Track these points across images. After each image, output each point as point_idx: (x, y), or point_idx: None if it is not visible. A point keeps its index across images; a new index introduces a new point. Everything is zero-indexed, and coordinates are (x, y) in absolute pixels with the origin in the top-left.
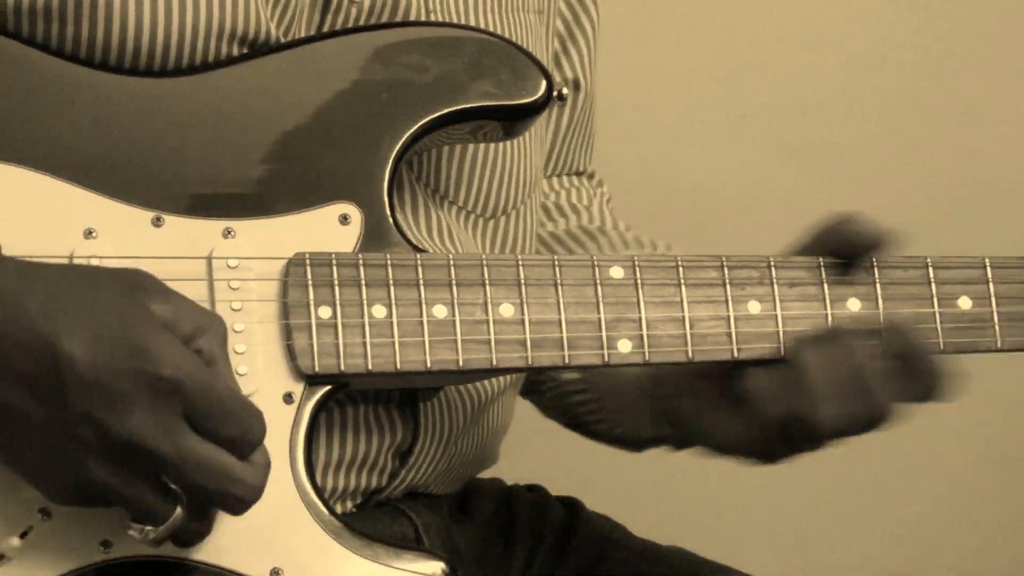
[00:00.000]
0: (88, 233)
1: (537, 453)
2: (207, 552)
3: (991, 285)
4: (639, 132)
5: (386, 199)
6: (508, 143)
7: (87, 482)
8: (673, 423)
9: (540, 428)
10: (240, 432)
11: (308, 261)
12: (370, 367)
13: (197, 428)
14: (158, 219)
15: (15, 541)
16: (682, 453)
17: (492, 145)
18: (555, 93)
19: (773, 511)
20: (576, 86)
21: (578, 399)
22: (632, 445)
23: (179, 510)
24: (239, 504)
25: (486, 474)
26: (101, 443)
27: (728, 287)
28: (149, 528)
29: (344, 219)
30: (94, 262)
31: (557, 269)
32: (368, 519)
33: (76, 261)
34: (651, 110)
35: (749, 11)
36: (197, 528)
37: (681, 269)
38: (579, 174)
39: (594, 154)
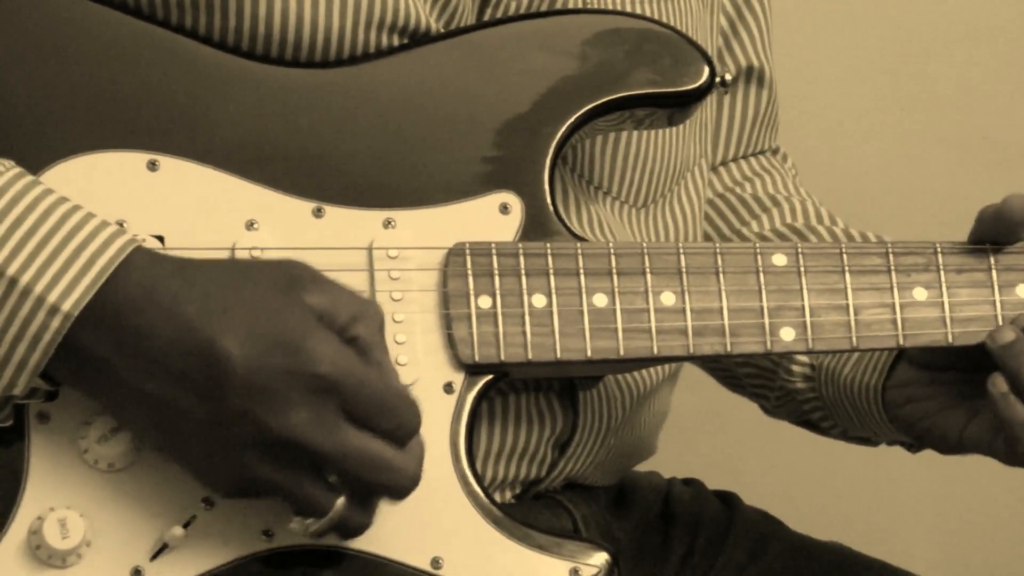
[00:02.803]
0: (250, 224)
1: (694, 446)
2: (368, 542)
3: None
4: (800, 124)
5: (547, 188)
6: (660, 131)
7: (249, 479)
8: (908, 430)
9: (698, 421)
10: (396, 424)
11: (468, 251)
12: (530, 356)
13: (354, 421)
14: (319, 210)
15: (178, 530)
16: (839, 446)
17: (644, 133)
18: (717, 79)
19: (935, 506)
20: (750, 72)
21: (807, 408)
22: (870, 443)
23: (340, 502)
24: (398, 492)
25: (643, 467)
26: (261, 440)
27: (893, 274)
28: (311, 521)
29: (504, 208)
30: (255, 253)
31: (718, 257)
32: (527, 511)
33: (238, 253)
34: (812, 102)
35: (910, 3)
36: (358, 519)
37: (845, 256)
38: (764, 152)
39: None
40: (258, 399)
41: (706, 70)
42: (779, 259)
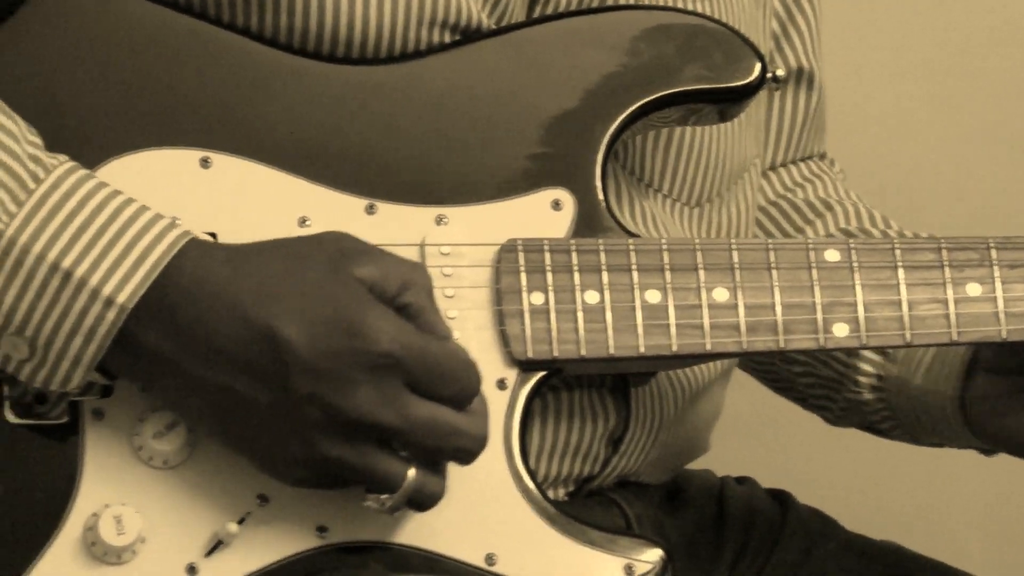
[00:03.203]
0: (302, 221)
1: (748, 445)
2: (422, 538)
3: None
4: (866, 125)
5: (599, 184)
6: (715, 128)
7: (319, 460)
8: (988, 438)
9: (751, 419)
10: (459, 388)
11: (520, 247)
12: (583, 353)
13: (417, 391)
14: (371, 206)
15: (233, 527)
16: (894, 444)
17: (698, 131)
18: (769, 75)
19: (991, 505)
20: (800, 74)
21: (875, 418)
22: (936, 446)
23: (412, 473)
24: (468, 455)
25: (696, 464)
26: (328, 421)
27: (946, 269)
28: (385, 496)
29: (556, 205)
30: None
31: (771, 253)
32: (580, 508)
33: None
34: (877, 104)
35: (977, 4)
36: (432, 488)
37: (898, 251)
38: (811, 157)
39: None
40: (322, 382)
41: (758, 66)
42: (832, 255)
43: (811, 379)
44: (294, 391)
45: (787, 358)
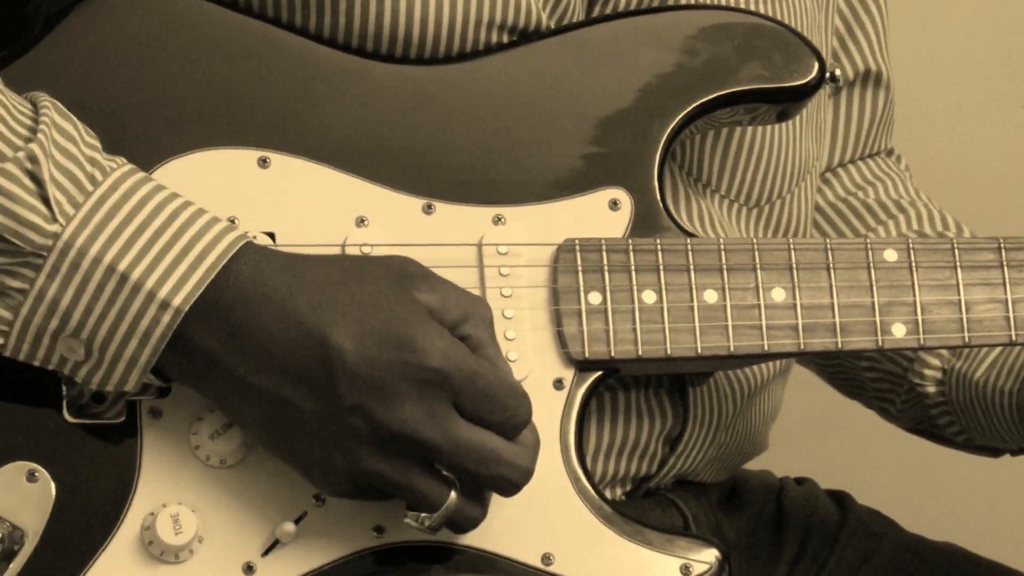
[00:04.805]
0: (360, 221)
1: (807, 445)
2: (479, 538)
3: None
4: (919, 123)
5: (656, 184)
6: (775, 130)
7: (361, 472)
8: None
9: (810, 419)
10: (507, 416)
11: (578, 247)
12: (640, 353)
13: (465, 414)
14: (429, 206)
15: (289, 526)
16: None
17: (758, 132)
18: (827, 75)
19: None
20: (867, 75)
21: (935, 412)
22: (995, 454)
23: (453, 496)
24: (511, 486)
25: (754, 464)
26: (373, 434)
27: (1005, 269)
28: (425, 515)
29: (614, 204)
30: (365, 250)
31: (829, 253)
32: (638, 508)
33: (348, 249)
34: (932, 102)
35: None
36: (472, 513)
37: (957, 251)
38: (878, 153)
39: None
40: (370, 393)
41: (816, 65)
42: (890, 254)
43: (876, 373)
44: (340, 400)
45: (854, 353)
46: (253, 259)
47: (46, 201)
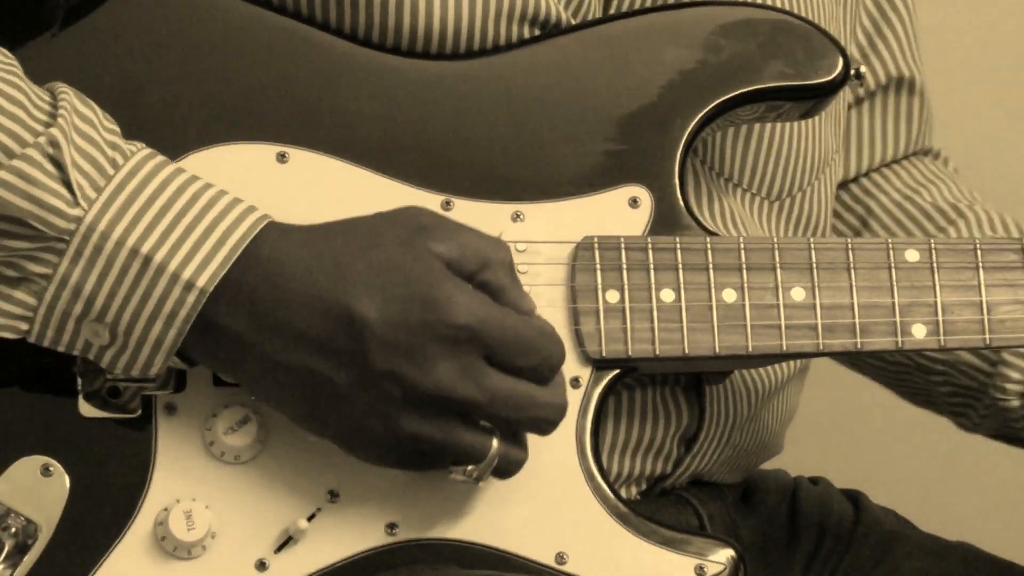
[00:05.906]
0: None
1: (822, 444)
2: (493, 536)
3: None
4: (961, 127)
5: (677, 181)
6: (797, 123)
7: (401, 437)
8: None
9: (825, 419)
10: (539, 360)
11: (597, 245)
12: (658, 352)
13: (496, 364)
14: (448, 203)
15: (303, 523)
16: (968, 444)
17: (779, 126)
18: (852, 72)
19: None
20: (900, 81)
21: (1020, 425)
22: None
23: (495, 443)
24: (548, 425)
25: (770, 464)
26: (409, 397)
27: None
28: (471, 467)
29: (634, 202)
30: None
31: (850, 252)
32: (653, 507)
33: None
34: (970, 107)
35: None
36: (516, 456)
37: (979, 252)
38: (926, 153)
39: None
40: (401, 357)
41: (840, 62)
42: (911, 255)
43: (950, 388)
44: (372, 368)
45: (925, 368)
46: (273, 238)
47: (68, 185)
